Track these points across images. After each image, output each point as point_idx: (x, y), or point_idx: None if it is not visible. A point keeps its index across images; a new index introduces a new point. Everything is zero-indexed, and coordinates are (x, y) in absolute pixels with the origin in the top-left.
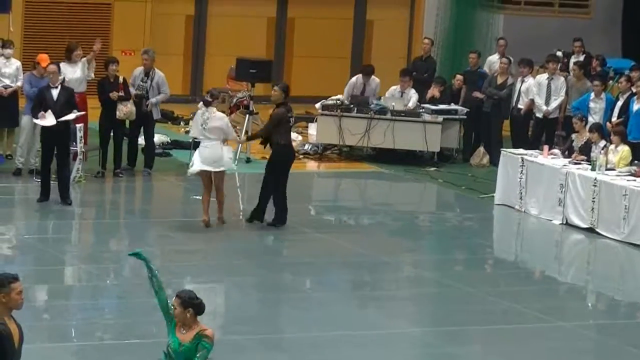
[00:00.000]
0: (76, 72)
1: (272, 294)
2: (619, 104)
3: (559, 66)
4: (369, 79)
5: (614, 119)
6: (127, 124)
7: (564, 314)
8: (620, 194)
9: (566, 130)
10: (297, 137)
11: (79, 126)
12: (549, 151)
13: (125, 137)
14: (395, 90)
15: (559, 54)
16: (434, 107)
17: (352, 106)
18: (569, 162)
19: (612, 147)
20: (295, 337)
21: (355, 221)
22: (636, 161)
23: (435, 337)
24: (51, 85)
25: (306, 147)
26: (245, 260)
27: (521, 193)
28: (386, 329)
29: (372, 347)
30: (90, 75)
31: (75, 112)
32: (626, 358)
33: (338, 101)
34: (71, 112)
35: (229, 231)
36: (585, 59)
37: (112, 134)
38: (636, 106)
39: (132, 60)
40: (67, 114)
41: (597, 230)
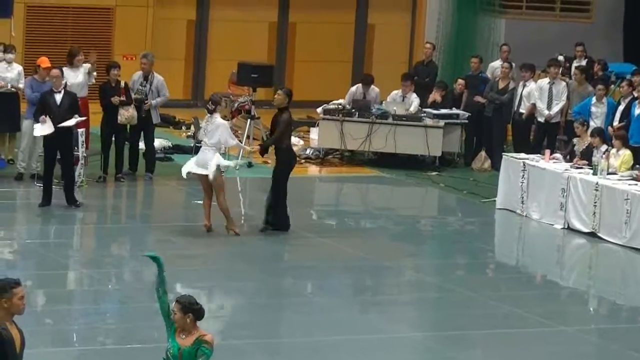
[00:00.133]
0: (78, 77)
1: (274, 298)
2: (621, 108)
3: (561, 70)
4: (369, 89)
5: (615, 123)
6: (127, 128)
7: (566, 319)
8: (621, 198)
9: (568, 134)
10: (299, 141)
11: (80, 131)
12: (551, 155)
13: (126, 142)
14: (397, 94)
15: (561, 58)
16: (435, 111)
17: (353, 111)
18: (571, 167)
19: (613, 152)
20: (296, 342)
21: (356, 226)
22: (638, 165)
23: (436, 341)
24: (54, 90)
25: (308, 151)
26: (247, 264)
27: (523, 197)
28: (388, 333)
29: (373, 352)
30: (92, 81)
31: (77, 118)
32: None
33: (339, 106)
34: (72, 117)
35: (230, 236)
36: (587, 63)
37: (114, 138)
38: (637, 110)
39: (134, 65)
40: (69, 119)
41: (598, 234)
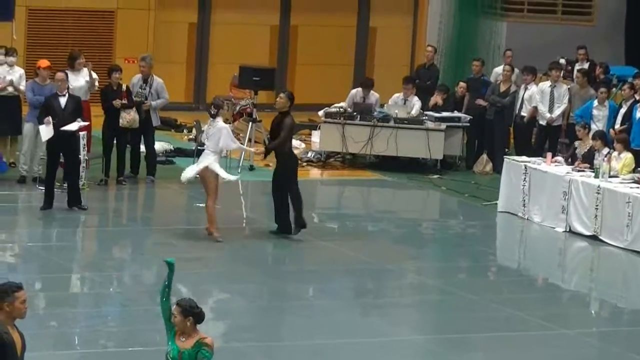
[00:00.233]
0: (79, 80)
1: (275, 301)
2: (622, 111)
3: (563, 73)
4: (369, 93)
5: (617, 126)
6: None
7: (567, 322)
8: (623, 201)
9: (569, 137)
10: (300, 144)
11: (82, 134)
12: (552, 159)
13: (127, 145)
14: (399, 97)
15: (562, 61)
16: (437, 114)
17: (355, 114)
18: (572, 170)
19: (615, 155)
20: (297, 344)
21: (358, 229)
22: (639, 168)
23: (438, 344)
24: (59, 93)
25: (309, 154)
26: (248, 267)
27: (524, 200)
28: (389, 336)
29: (375, 355)
30: (94, 89)
31: (79, 122)
32: None
33: (341, 109)
34: (75, 120)
35: (232, 239)
36: (589, 66)
37: (115, 141)
38: (639, 113)
39: (135, 68)
40: (73, 122)
41: (600, 237)
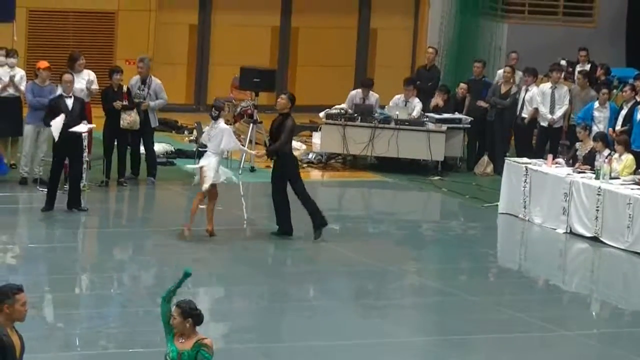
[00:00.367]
0: (79, 82)
1: (276, 302)
2: (623, 112)
3: (564, 75)
4: (368, 93)
5: (618, 127)
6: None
7: (568, 323)
8: (624, 202)
9: (570, 139)
10: (301, 146)
11: (83, 135)
12: (553, 160)
13: (128, 147)
14: (399, 99)
15: (563, 63)
16: (438, 116)
17: (356, 115)
18: (573, 171)
19: (616, 156)
20: (298, 346)
21: (359, 230)
22: None
23: (438, 345)
24: (64, 95)
25: (310, 156)
26: (249, 269)
27: (525, 202)
28: (390, 337)
29: (375, 356)
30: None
31: (87, 124)
32: None
33: (342, 110)
34: (81, 122)
35: (233, 240)
36: (590, 68)
37: (116, 143)
38: None
39: (136, 69)
40: (78, 124)
41: (601, 239)
